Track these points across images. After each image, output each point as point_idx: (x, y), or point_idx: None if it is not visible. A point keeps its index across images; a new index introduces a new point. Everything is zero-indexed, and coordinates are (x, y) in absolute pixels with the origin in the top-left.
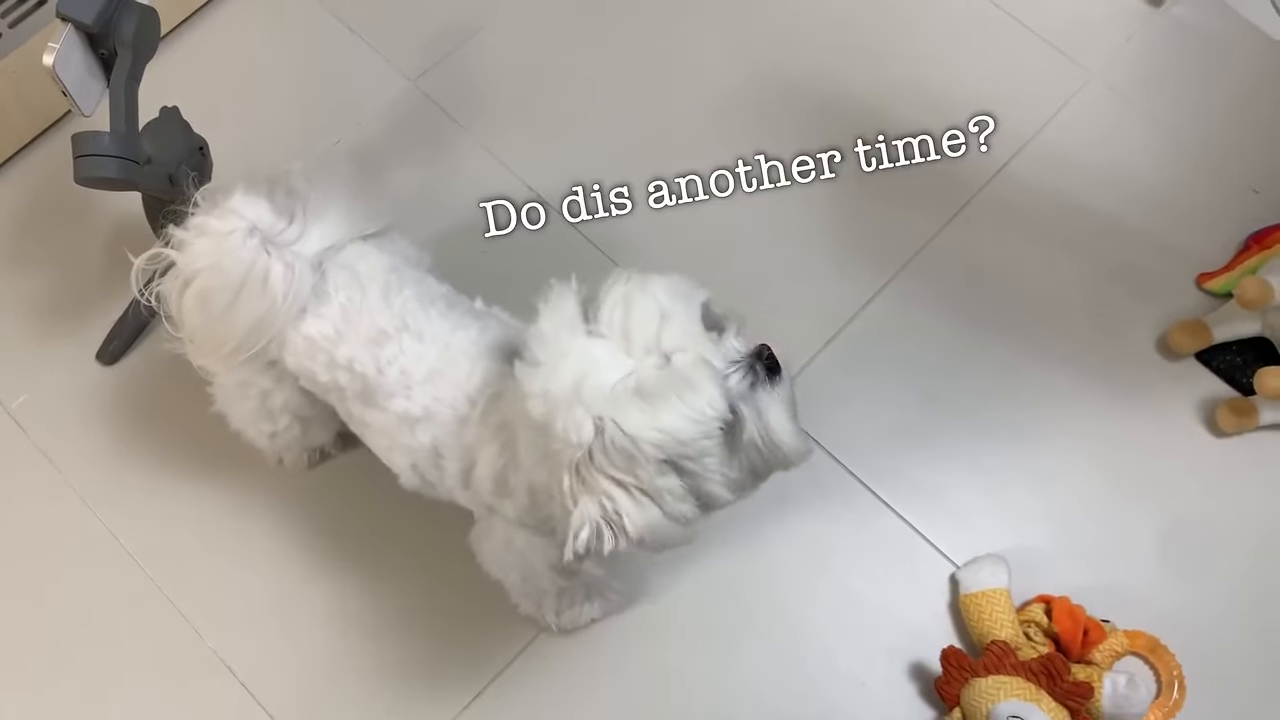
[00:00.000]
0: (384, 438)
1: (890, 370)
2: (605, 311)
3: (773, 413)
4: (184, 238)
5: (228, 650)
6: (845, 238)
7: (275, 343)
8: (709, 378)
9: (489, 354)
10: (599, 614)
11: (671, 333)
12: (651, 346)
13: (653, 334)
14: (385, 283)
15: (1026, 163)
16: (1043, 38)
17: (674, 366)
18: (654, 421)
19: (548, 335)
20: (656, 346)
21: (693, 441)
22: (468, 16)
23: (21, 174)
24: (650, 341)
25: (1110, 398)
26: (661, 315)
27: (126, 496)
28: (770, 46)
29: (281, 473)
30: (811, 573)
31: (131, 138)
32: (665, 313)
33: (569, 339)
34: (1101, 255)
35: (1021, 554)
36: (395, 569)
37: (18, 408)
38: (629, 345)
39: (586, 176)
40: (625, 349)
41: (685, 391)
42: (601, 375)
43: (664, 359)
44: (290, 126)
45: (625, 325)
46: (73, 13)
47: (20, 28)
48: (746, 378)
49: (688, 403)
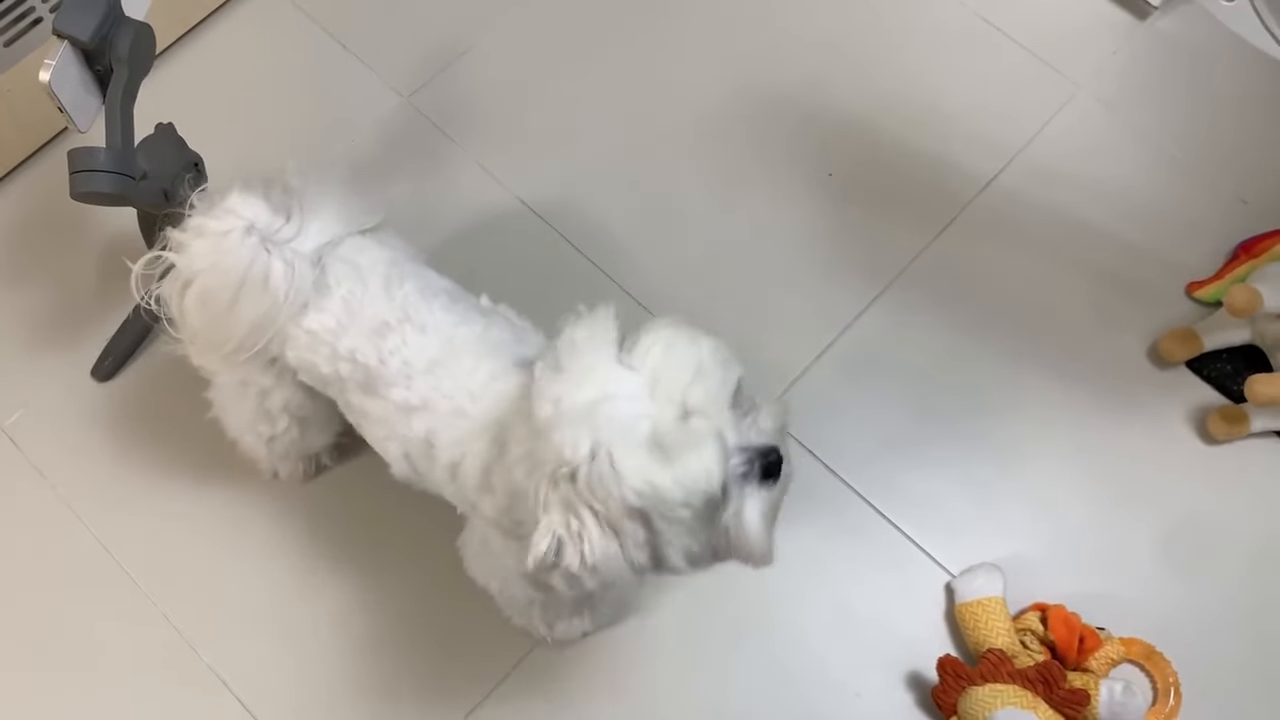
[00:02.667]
0: (381, 427)
1: (883, 381)
2: (643, 347)
3: (754, 510)
4: (182, 239)
5: (224, 665)
6: (836, 250)
7: (277, 339)
8: (716, 451)
9: (494, 351)
10: (590, 627)
11: (700, 393)
12: (675, 397)
13: (682, 386)
14: (386, 275)
15: (1016, 175)
16: (1030, 50)
17: (690, 426)
18: (647, 472)
19: (579, 347)
20: (681, 400)
21: (673, 505)
22: (459, 35)
23: (16, 191)
24: (676, 393)
25: (1102, 406)
26: (697, 371)
27: (121, 512)
28: (758, 61)
29: (277, 486)
30: (805, 583)
31: (127, 153)
32: (702, 370)
33: (599, 358)
34: (1091, 265)
35: (1016, 562)
36: (391, 582)
37: (12, 424)
38: (655, 388)
39: (577, 189)
40: (650, 391)
41: (690, 455)
42: (619, 407)
43: (683, 415)
44: (285, 142)
45: (658, 368)
46: (69, 29)
47: (15, 46)
48: (746, 467)
49: (687, 466)
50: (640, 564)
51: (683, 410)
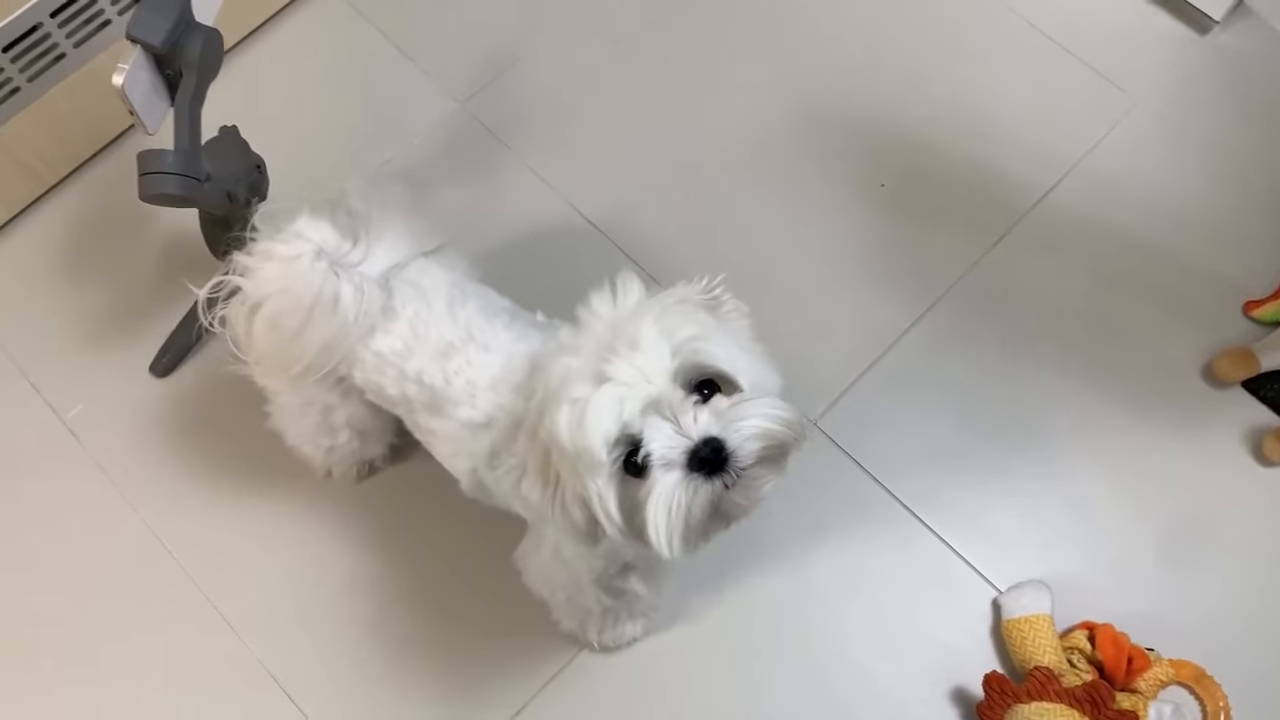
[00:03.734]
0: (448, 444)
1: (932, 394)
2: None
3: (661, 494)
4: (250, 264)
5: (273, 660)
6: (888, 262)
7: (345, 361)
8: (602, 411)
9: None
10: (640, 633)
11: (639, 361)
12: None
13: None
14: (450, 296)
15: (1070, 189)
16: (1087, 64)
17: (601, 388)
18: (553, 416)
19: (599, 316)
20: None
21: (567, 454)
22: (515, 42)
23: (80, 189)
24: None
25: (1155, 426)
26: (642, 344)
27: (176, 507)
28: (812, 71)
29: (329, 485)
30: (851, 595)
31: (194, 156)
32: (641, 344)
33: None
34: (1146, 282)
35: (1064, 580)
36: (440, 582)
37: (72, 418)
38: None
39: (628, 195)
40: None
41: (584, 410)
42: (571, 364)
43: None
44: (342, 145)
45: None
46: (142, 35)
47: (84, 47)
48: (672, 451)
49: (573, 417)
50: (576, 520)
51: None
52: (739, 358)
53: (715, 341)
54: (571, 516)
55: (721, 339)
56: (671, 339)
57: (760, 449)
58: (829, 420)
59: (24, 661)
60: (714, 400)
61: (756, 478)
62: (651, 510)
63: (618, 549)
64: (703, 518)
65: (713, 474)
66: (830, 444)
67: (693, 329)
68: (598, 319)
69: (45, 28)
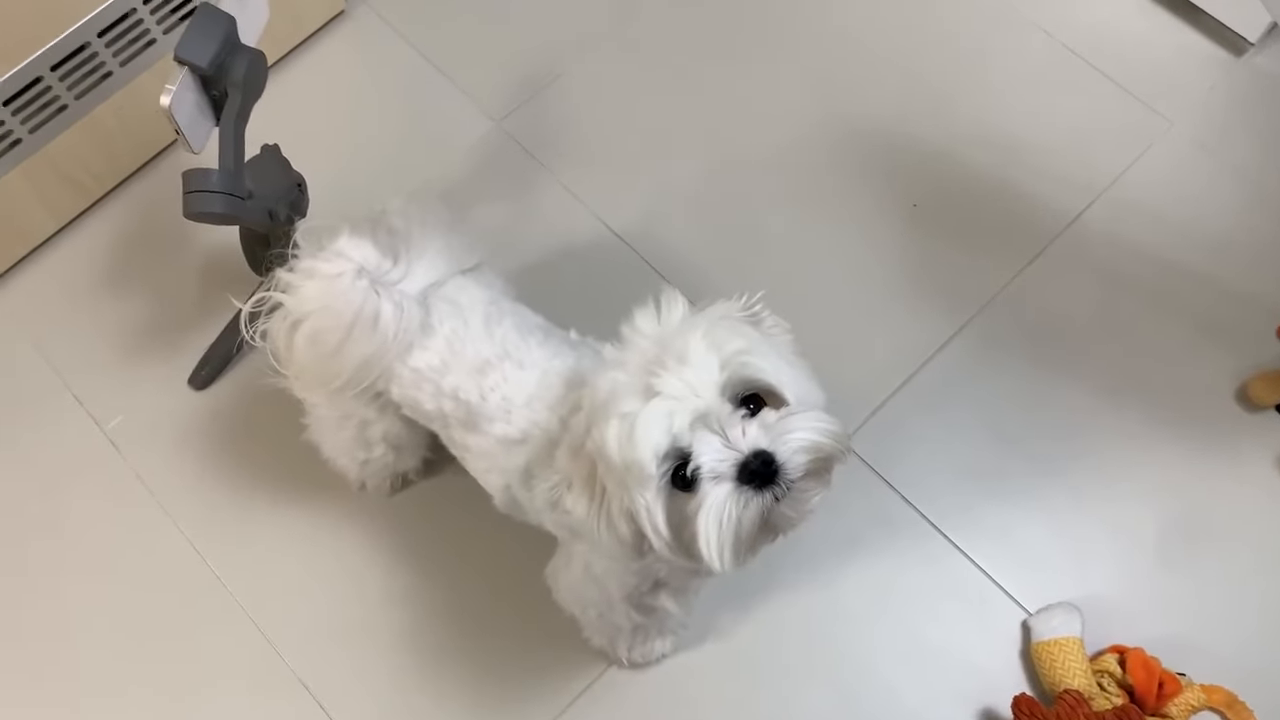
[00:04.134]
0: (483, 460)
1: (963, 414)
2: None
3: (711, 507)
4: (292, 281)
5: (306, 669)
6: (920, 281)
7: (383, 376)
8: (652, 424)
9: (585, 383)
10: (670, 649)
11: (688, 375)
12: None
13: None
14: (486, 314)
15: (1104, 210)
16: (1122, 86)
17: (650, 402)
18: (601, 429)
19: (644, 333)
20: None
21: (615, 468)
22: (550, 62)
23: (123, 203)
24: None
25: (1187, 448)
26: (691, 358)
27: (213, 517)
28: (845, 90)
29: (364, 498)
30: (880, 614)
31: (237, 175)
32: (689, 358)
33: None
34: (1179, 304)
35: (1094, 602)
36: (472, 596)
37: (113, 429)
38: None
39: (661, 214)
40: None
41: (634, 423)
42: (619, 380)
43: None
44: (380, 163)
45: (674, 350)
46: (189, 57)
47: (129, 66)
48: (721, 464)
49: (624, 430)
50: (622, 534)
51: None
52: (784, 371)
53: (762, 355)
54: (618, 531)
55: (768, 353)
56: (720, 353)
57: (808, 461)
58: (859, 439)
59: (61, 668)
60: (762, 414)
61: (805, 490)
62: (702, 523)
63: (651, 566)
64: (753, 530)
65: (763, 487)
66: (860, 463)
67: (740, 343)
68: (642, 335)
69: (93, 47)
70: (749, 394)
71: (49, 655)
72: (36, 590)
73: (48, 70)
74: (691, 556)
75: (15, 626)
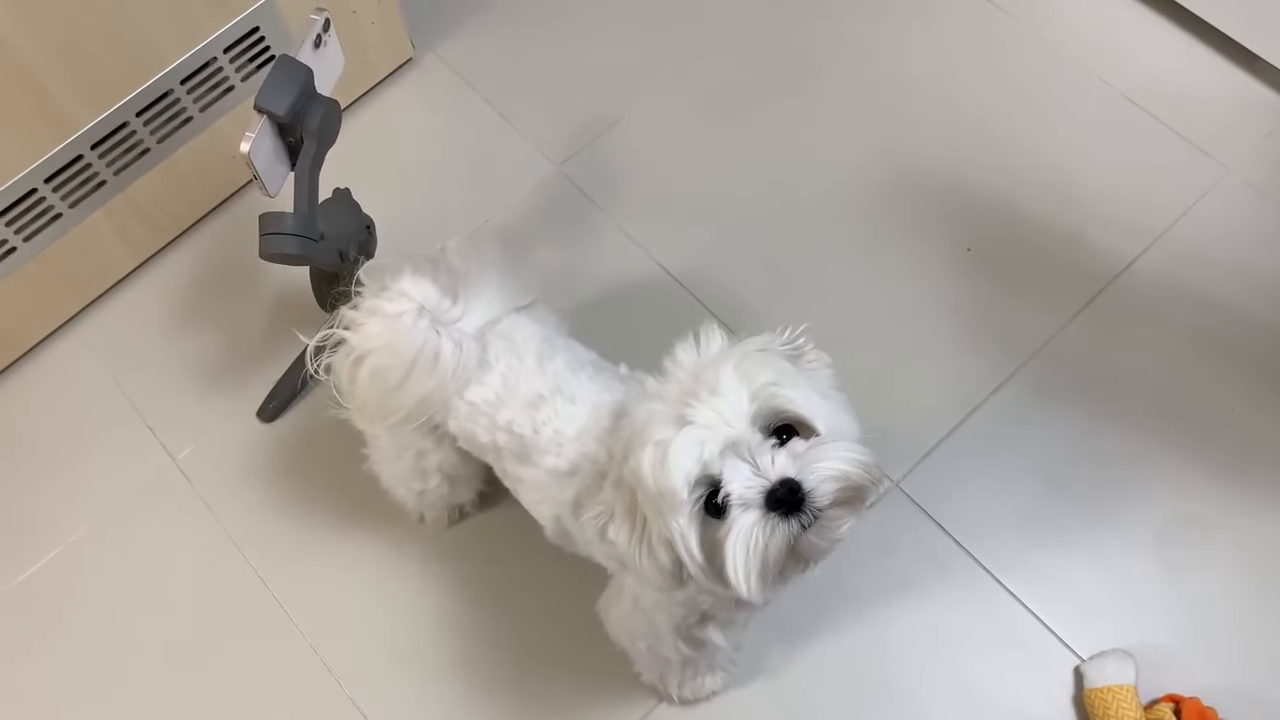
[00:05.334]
0: (535, 492)
1: (1016, 458)
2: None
3: (739, 534)
4: (356, 319)
5: (364, 698)
6: (973, 325)
7: (441, 410)
8: (683, 450)
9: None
10: (719, 686)
11: (719, 405)
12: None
13: (730, 397)
14: (539, 350)
15: (1159, 256)
16: (1178, 133)
17: (682, 430)
18: (637, 456)
19: (683, 365)
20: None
21: (650, 494)
22: (610, 107)
23: (198, 242)
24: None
25: (1245, 496)
26: (723, 388)
27: (277, 547)
28: (901, 134)
29: (422, 529)
30: (930, 657)
31: (311, 218)
32: (721, 389)
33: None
34: (1236, 351)
35: (1149, 650)
36: (524, 628)
37: (184, 459)
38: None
39: (717, 256)
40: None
41: (666, 450)
42: (656, 409)
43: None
44: (443, 205)
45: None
46: (268, 106)
47: (208, 112)
48: (750, 491)
49: (657, 457)
50: (662, 562)
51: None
52: (816, 403)
53: (793, 386)
54: (658, 559)
55: (799, 384)
56: (750, 384)
57: (836, 490)
58: (911, 482)
59: (127, 690)
60: (791, 443)
61: (833, 519)
62: (730, 549)
63: (696, 598)
64: (779, 557)
65: (789, 514)
66: (913, 505)
67: (771, 375)
68: (681, 367)
69: (176, 93)
70: (781, 424)
71: (111, 676)
72: (104, 615)
73: (133, 116)
74: (724, 583)
75: (82, 649)
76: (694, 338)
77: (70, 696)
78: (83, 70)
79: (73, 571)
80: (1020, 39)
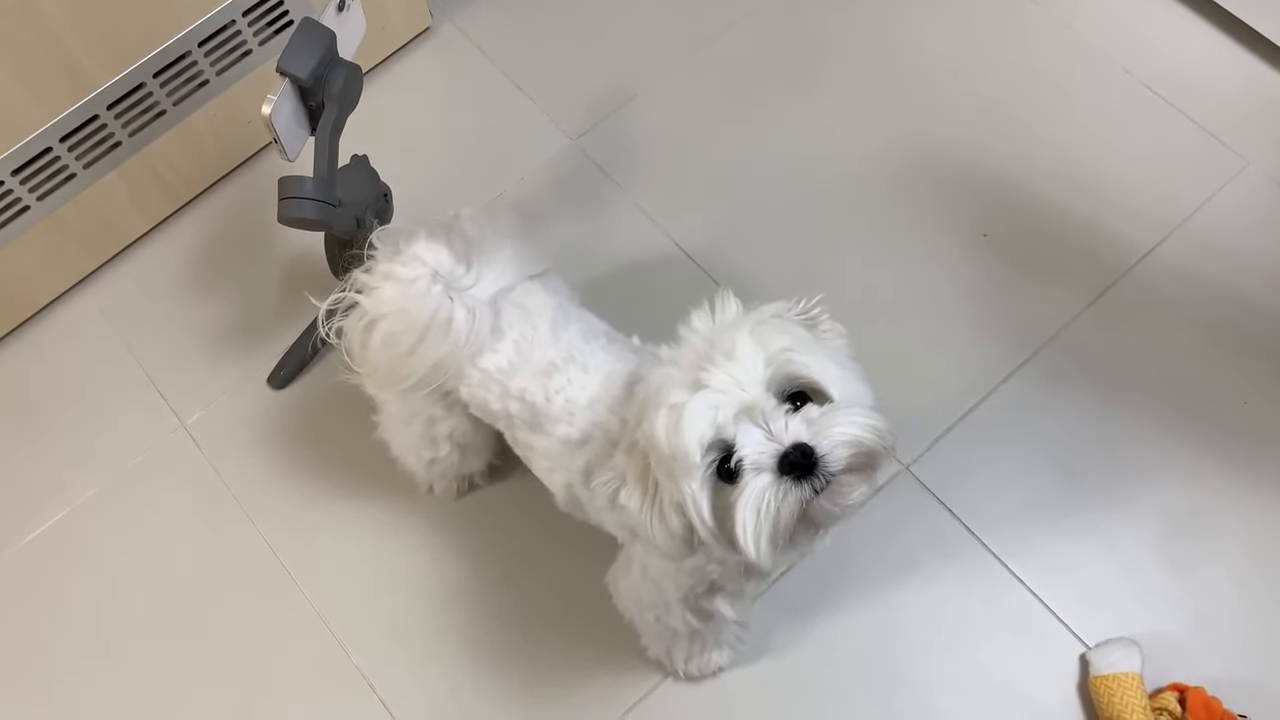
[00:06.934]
0: (546, 460)
1: (1027, 445)
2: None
3: (750, 496)
4: (369, 282)
5: (370, 667)
6: (988, 311)
7: (453, 377)
8: (696, 414)
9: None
10: (726, 663)
11: (733, 370)
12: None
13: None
14: (553, 319)
15: (1176, 247)
16: (1199, 123)
17: (696, 394)
18: (650, 419)
19: (698, 331)
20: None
21: (663, 457)
22: (628, 82)
23: (211, 207)
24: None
25: (1258, 488)
26: (755, 353)
27: (286, 514)
28: (919, 118)
29: (431, 501)
30: (936, 642)
31: (330, 183)
32: (737, 354)
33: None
34: (1250, 342)
35: (1155, 639)
36: (532, 600)
37: (193, 424)
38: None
39: (732, 235)
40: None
41: (680, 413)
42: (672, 374)
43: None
44: (459, 176)
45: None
46: (291, 68)
47: (225, 75)
48: (762, 455)
49: (671, 419)
50: (673, 527)
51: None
52: (830, 369)
53: (808, 353)
54: (669, 524)
55: (814, 351)
56: (765, 350)
57: (849, 455)
58: (922, 466)
59: (137, 655)
60: (805, 409)
61: (846, 484)
62: (741, 512)
63: (705, 567)
64: (791, 521)
65: (802, 478)
66: (923, 490)
67: (786, 340)
68: (696, 333)
69: (193, 55)
70: (796, 390)
71: (121, 642)
72: (115, 579)
73: (150, 77)
74: (735, 548)
75: (94, 614)
76: (709, 305)
77: (77, 652)
78: (102, 29)
79: (81, 533)
80: (1043, 26)
